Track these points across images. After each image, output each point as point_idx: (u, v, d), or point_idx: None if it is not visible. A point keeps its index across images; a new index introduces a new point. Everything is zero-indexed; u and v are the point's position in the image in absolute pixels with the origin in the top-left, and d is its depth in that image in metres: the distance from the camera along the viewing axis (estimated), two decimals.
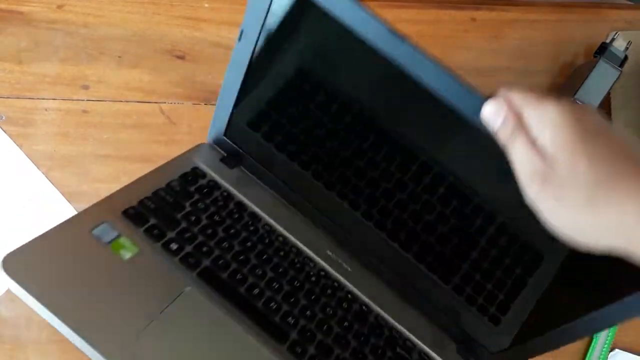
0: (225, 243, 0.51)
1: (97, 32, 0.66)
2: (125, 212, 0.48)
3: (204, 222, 0.51)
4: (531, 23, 0.71)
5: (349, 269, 0.56)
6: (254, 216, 0.55)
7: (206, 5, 0.67)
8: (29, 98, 0.63)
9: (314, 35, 0.49)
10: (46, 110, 0.63)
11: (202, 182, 0.55)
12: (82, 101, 0.64)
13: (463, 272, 0.56)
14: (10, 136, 0.62)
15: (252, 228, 0.54)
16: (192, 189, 0.53)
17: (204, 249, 0.49)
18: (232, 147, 0.58)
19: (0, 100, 0.63)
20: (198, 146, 0.59)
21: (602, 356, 0.59)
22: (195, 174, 0.55)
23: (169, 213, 0.50)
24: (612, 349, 0.59)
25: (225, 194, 0.55)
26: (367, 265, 0.58)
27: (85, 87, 0.64)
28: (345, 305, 0.53)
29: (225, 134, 0.58)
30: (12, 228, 0.61)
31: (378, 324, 0.53)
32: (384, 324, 0.54)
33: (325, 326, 0.50)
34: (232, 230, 0.52)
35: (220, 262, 0.49)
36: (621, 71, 0.63)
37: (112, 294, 0.43)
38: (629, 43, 0.65)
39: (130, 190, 0.50)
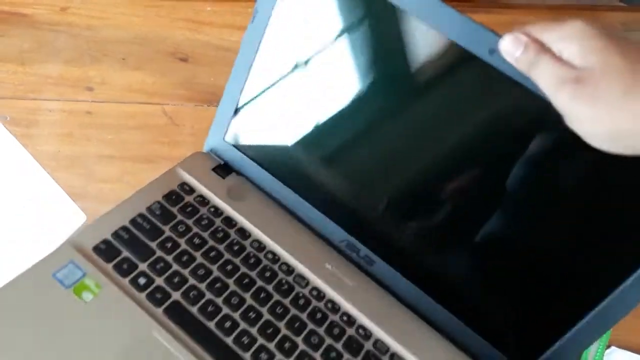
0: (201, 270, 0.43)
1: (101, 34, 0.61)
2: (96, 248, 0.41)
3: (182, 247, 0.44)
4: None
5: (350, 283, 0.47)
6: (243, 232, 0.46)
7: (208, 8, 0.61)
8: (33, 99, 0.59)
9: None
10: (50, 111, 0.59)
11: (188, 199, 0.47)
12: (85, 102, 0.59)
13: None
14: (15, 137, 0.59)
15: (237, 247, 0.45)
16: (175, 209, 0.46)
17: (176, 279, 0.42)
18: (231, 150, 0.51)
19: (5, 101, 0.59)
20: (193, 155, 0.52)
21: (598, 354, 0.53)
22: (183, 189, 0.48)
23: (143, 242, 0.43)
24: (608, 347, 0.53)
25: (212, 209, 0.47)
26: (373, 275, 0.48)
27: (89, 89, 0.60)
28: (336, 331, 0.44)
29: (225, 137, 0.51)
30: (17, 228, 0.59)
31: (374, 353, 0.43)
32: (384, 350, 0.44)
33: (306, 359, 0.40)
34: (212, 253, 0.44)
35: (192, 293, 0.41)
36: None
37: (68, 346, 0.37)
38: None
39: (108, 219, 0.44)
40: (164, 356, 0.38)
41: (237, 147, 0.50)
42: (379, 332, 0.45)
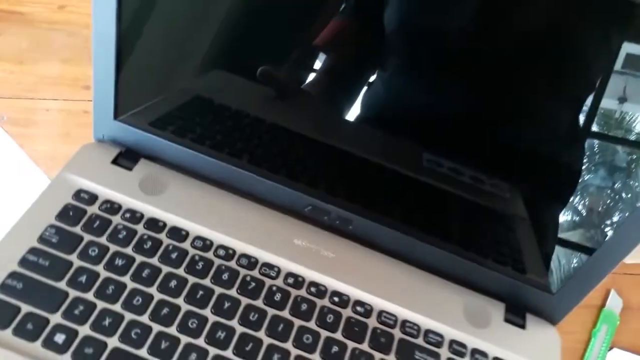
0: (137, 298, 0.33)
1: None
2: None
3: (103, 276, 0.33)
4: None
5: (330, 254, 0.38)
6: (177, 233, 0.36)
7: None
8: (30, 98, 0.58)
9: None
10: (47, 110, 0.57)
11: (92, 210, 0.36)
12: (83, 102, 0.58)
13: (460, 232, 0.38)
14: (12, 136, 0.56)
15: (175, 255, 0.35)
16: (78, 228, 0.35)
17: (107, 321, 0.31)
18: (129, 130, 0.40)
19: (2, 101, 0.57)
20: (81, 150, 0.41)
21: (600, 355, 0.52)
22: (81, 200, 0.36)
23: (47, 286, 0.32)
24: (610, 348, 0.52)
25: (127, 215, 0.36)
26: (353, 236, 0.40)
27: (87, 88, 0.58)
28: (330, 318, 0.35)
29: (116, 117, 0.39)
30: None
31: (383, 330, 0.35)
32: (392, 322, 0.36)
33: None
34: (145, 272, 0.34)
35: (134, 332, 0.31)
36: None
37: None
38: None
39: None
40: None
41: (135, 124, 0.39)
42: (380, 303, 0.37)
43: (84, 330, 0.31)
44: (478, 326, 0.38)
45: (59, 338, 0.30)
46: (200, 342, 0.32)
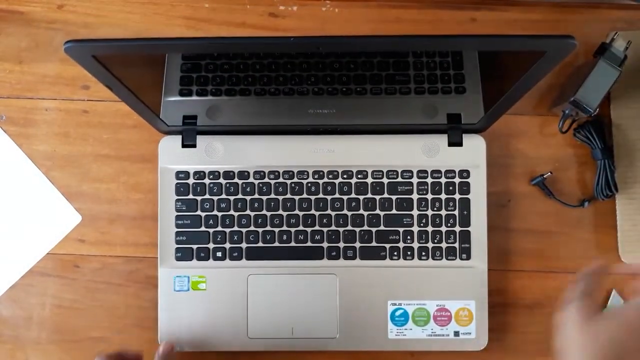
0: (243, 220, 0.61)
1: (98, 32, 0.63)
2: None
3: (219, 215, 0.61)
4: (531, 23, 0.66)
5: (333, 150, 0.61)
6: (241, 175, 0.61)
7: (206, 5, 0.62)
8: (29, 98, 0.62)
9: None
10: (46, 110, 0.62)
11: (190, 182, 0.61)
12: (82, 101, 0.62)
13: (410, 77, 0.59)
14: (11, 136, 0.61)
15: (248, 188, 0.61)
16: (191, 195, 0.61)
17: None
18: (181, 121, 0.59)
19: (1, 100, 0.62)
20: (161, 146, 0.61)
21: None
22: (180, 179, 0.61)
23: (195, 232, 0.61)
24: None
25: (211, 176, 0.61)
26: (341, 132, 0.61)
27: (86, 87, 0.62)
28: (345, 188, 0.61)
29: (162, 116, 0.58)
30: (11, 228, 0.61)
31: (377, 182, 0.60)
32: (381, 176, 0.61)
33: (341, 220, 0.61)
34: (239, 205, 0.61)
35: (251, 237, 0.61)
36: (621, 71, 0.60)
37: None
38: (629, 43, 0.61)
39: None
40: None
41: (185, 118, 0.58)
42: (371, 166, 0.60)
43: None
44: (432, 155, 0.60)
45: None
46: (276, 231, 0.60)
